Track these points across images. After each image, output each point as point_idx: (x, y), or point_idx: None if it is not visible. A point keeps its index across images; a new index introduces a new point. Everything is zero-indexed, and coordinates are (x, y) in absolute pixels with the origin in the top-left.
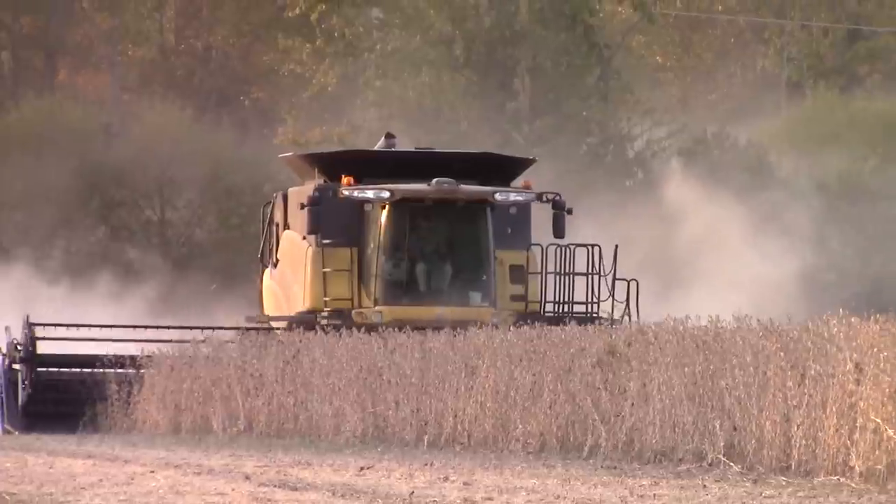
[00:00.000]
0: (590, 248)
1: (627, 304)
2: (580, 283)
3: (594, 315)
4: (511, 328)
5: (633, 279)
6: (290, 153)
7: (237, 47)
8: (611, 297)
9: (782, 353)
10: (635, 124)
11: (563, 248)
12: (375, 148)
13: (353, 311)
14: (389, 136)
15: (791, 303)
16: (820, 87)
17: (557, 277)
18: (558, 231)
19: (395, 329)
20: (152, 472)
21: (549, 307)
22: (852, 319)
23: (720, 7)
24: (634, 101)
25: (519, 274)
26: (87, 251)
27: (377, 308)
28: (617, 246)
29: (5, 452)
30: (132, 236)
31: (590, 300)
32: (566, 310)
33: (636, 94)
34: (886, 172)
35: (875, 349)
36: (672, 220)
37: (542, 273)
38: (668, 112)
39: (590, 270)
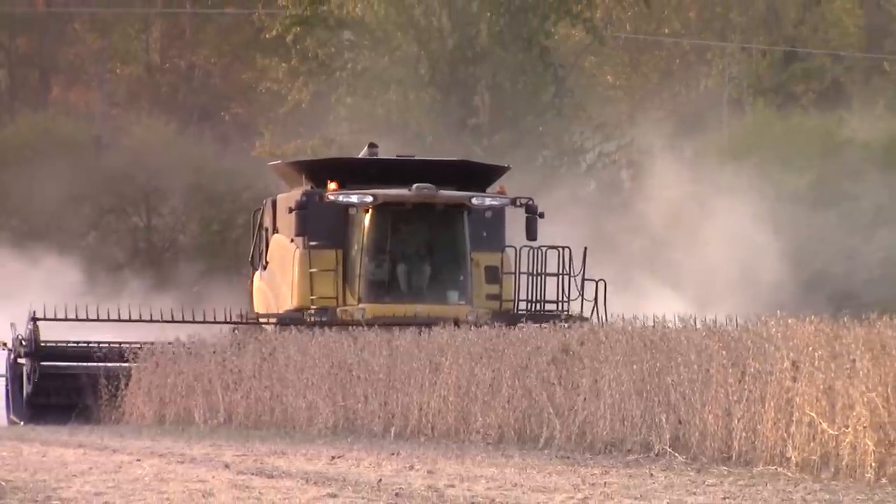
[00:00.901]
0: (560, 249)
1: (596, 303)
2: (552, 283)
3: (565, 313)
4: (472, 328)
5: (601, 279)
6: (279, 161)
7: (218, 66)
8: (580, 297)
9: (724, 352)
10: (587, 138)
11: (536, 250)
12: (359, 156)
13: (339, 309)
14: (372, 145)
15: (735, 303)
16: (759, 105)
17: (530, 278)
18: (531, 234)
19: (377, 326)
20: (138, 460)
21: (521, 306)
22: (789, 321)
23: (666, 30)
24: (587, 117)
25: (494, 274)
26: (79, 254)
27: (360, 306)
28: (586, 248)
29: (1, 442)
30: (120, 240)
31: (560, 299)
32: (538, 308)
33: (588, 110)
34: (823, 183)
35: (810, 348)
36: (627, 224)
37: (515, 273)
38: (618, 127)
39: (560, 271)
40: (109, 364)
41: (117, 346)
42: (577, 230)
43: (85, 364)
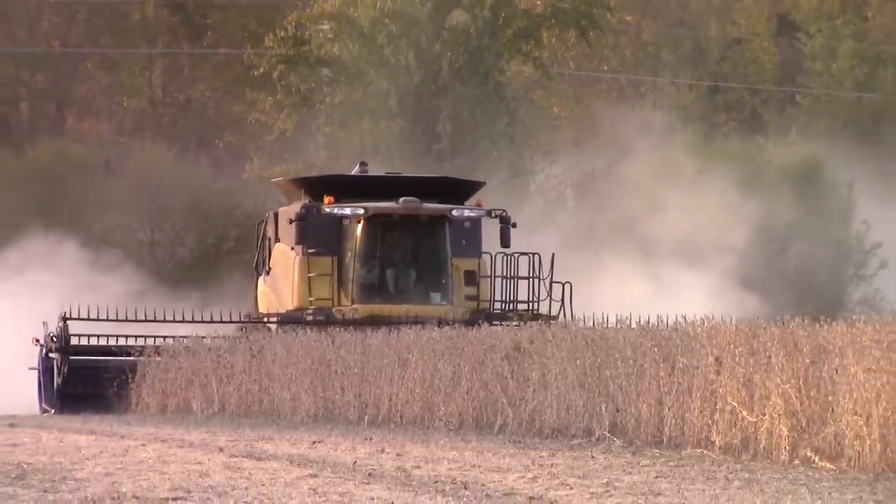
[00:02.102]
0: (531, 255)
1: (563, 303)
2: (523, 285)
3: (536, 312)
4: (436, 328)
5: (567, 282)
6: (281, 178)
7: (212, 99)
8: (549, 297)
9: (656, 349)
10: (537, 162)
11: (509, 256)
12: (352, 173)
13: (334, 309)
14: (363, 164)
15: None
16: (687, 133)
17: (504, 280)
18: (504, 241)
19: (360, 325)
20: (143, 445)
21: (497, 306)
22: (713, 321)
23: (605, 67)
24: (536, 144)
25: (472, 277)
26: (92, 265)
27: (353, 306)
28: (554, 254)
29: (23, 430)
30: (127, 253)
31: (531, 300)
32: (511, 308)
33: (538, 137)
34: (742, 201)
35: (731, 346)
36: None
37: (491, 277)
38: (563, 152)
39: (531, 275)
40: (128, 359)
41: (133, 343)
42: (545, 238)
43: (107, 358)
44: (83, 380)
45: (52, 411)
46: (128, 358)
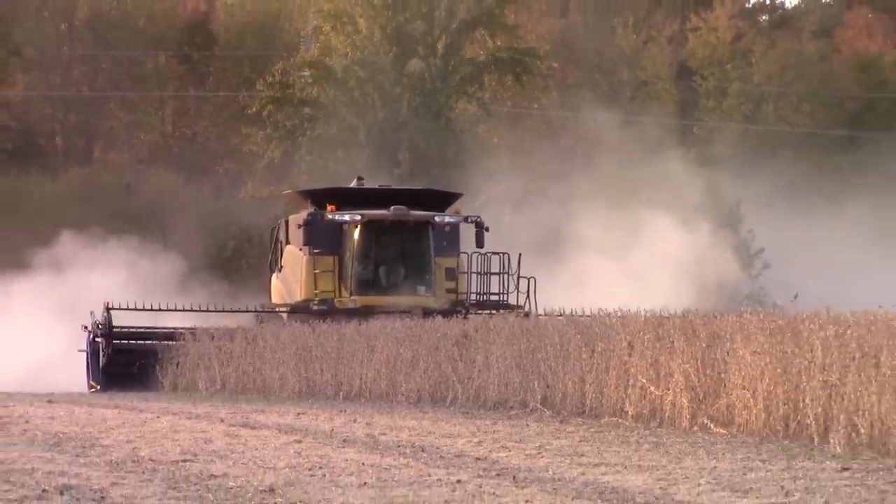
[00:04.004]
0: (501, 255)
1: (528, 295)
2: (495, 280)
3: (506, 303)
4: (401, 319)
5: (532, 277)
6: (290, 190)
7: (213, 133)
8: (517, 290)
9: (579, 336)
10: (482, 184)
11: (483, 255)
12: (350, 186)
13: (336, 300)
14: (360, 178)
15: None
16: (602, 161)
17: (478, 276)
18: (479, 243)
19: (365, 315)
20: (158, 417)
21: (473, 297)
22: (625, 312)
23: (536, 105)
24: (480, 168)
25: (451, 273)
26: (127, 267)
27: (352, 297)
28: (521, 254)
29: (59, 405)
30: (148, 257)
31: (501, 292)
32: (485, 299)
33: (481, 163)
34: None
35: (641, 332)
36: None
37: (467, 273)
38: (502, 175)
39: (501, 271)
40: (160, 342)
41: (159, 330)
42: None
43: (143, 342)
44: (123, 360)
45: (98, 387)
46: (160, 342)
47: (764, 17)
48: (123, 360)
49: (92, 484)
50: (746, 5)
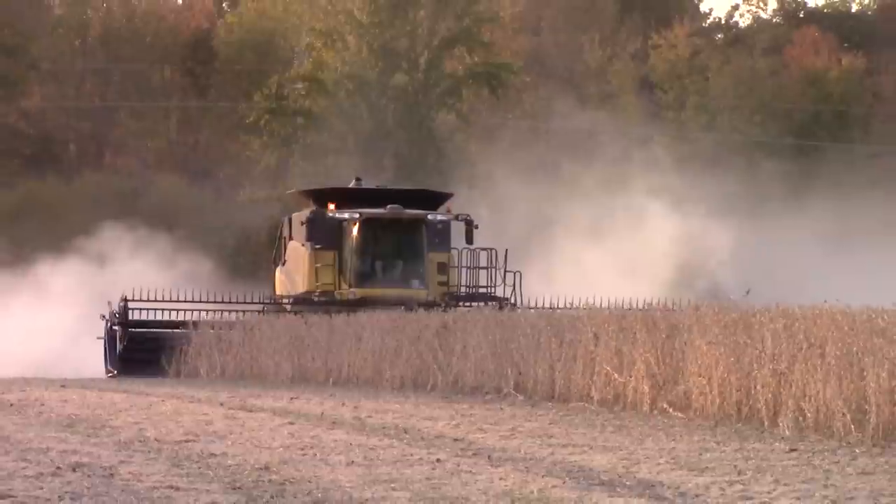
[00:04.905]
0: (489, 250)
1: (514, 288)
2: (483, 273)
3: (493, 295)
4: (385, 312)
5: (517, 271)
6: (294, 190)
7: (215, 141)
8: (503, 283)
9: (549, 327)
10: (459, 188)
11: (472, 251)
12: (349, 186)
13: (336, 292)
14: (358, 179)
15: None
16: (572, 165)
17: (468, 270)
18: (469, 239)
19: (363, 306)
20: (163, 401)
21: (463, 290)
22: (591, 307)
23: (510, 115)
24: (459, 174)
25: (443, 268)
26: (141, 261)
27: (351, 290)
28: (507, 250)
29: (72, 389)
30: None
31: (489, 285)
32: (474, 292)
33: (460, 169)
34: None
35: (606, 325)
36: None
37: (458, 267)
38: (479, 180)
39: (489, 265)
40: (174, 331)
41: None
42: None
43: (157, 331)
44: (139, 347)
45: (115, 372)
46: (173, 331)
47: (719, 36)
48: (139, 348)
49: (102, 462)
50: (703, 24)
